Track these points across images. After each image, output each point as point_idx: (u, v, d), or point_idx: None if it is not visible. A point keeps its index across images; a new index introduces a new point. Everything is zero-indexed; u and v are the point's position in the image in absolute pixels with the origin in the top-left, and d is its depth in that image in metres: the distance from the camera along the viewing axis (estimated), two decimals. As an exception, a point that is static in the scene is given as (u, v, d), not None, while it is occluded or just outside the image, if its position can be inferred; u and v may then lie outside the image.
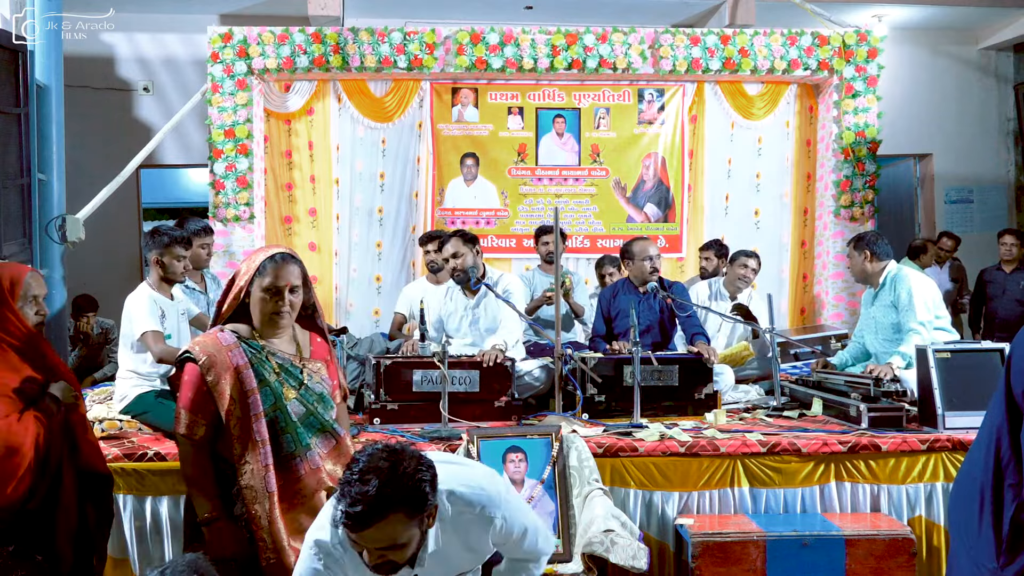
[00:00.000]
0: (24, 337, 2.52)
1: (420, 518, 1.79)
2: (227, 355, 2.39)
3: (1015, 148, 8.16)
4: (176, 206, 10.73)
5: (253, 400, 2.39)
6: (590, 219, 6.57)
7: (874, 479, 3.44)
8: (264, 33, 5.99)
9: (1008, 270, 6.50)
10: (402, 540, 1.76)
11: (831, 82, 6.37)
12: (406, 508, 1.74)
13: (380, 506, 1.72)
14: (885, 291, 4.29)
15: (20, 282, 2.54)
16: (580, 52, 6.14)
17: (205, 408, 2.37)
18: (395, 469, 1.75)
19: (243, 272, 2.46)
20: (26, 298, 2.55)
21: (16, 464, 2.39)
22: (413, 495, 1.75)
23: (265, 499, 2.36)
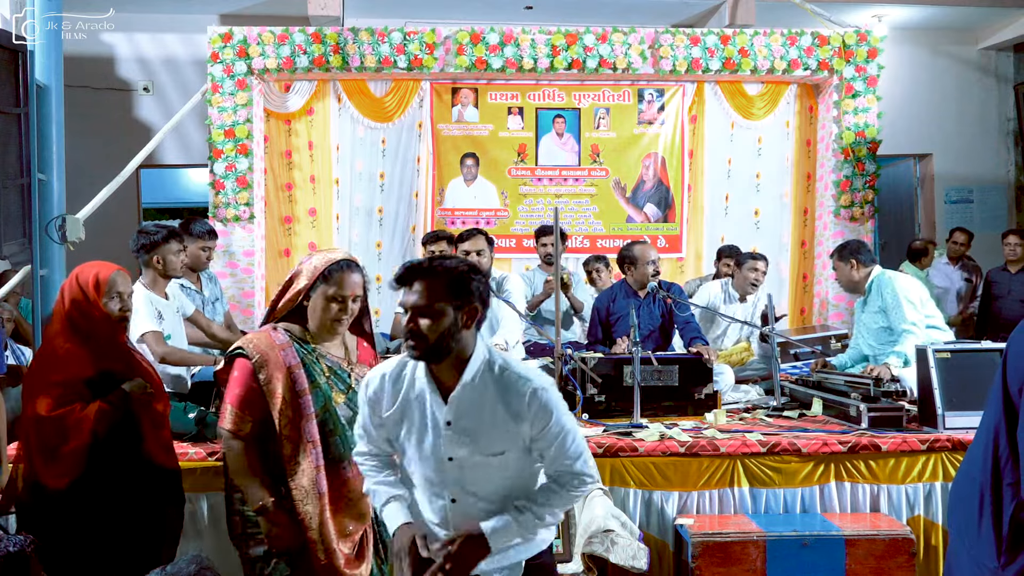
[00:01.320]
0: (106, 332, 2.66)
1: (456, 303, 1.96)
2: (280, 354, 2.39)
3: (1015, 148, 8.16)
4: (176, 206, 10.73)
5: (305, 401, 2.39)
6: (590, 219, 6.57)
7: (874, 479, 3.44)
8: (264, 33, 5.99)
9: (1013, 270, 6.50)
10: (436, 306, 1.94)
11: (831, 82, 6.37)
12: (447, 279, 1.95)
13: (425, 269, 1.98)
14: (872, 296, 4.31)
15: (106, 280, 2.68)
16: (580, 52, 6.14)
17: (254, 406, 2.37)
18: (446, 259, 2.03)
19: (304, 274, 2.45)
20: (111, 295, 2.68)
21: (71, 451, 2.52)
22: (456, 276, 1.97)
23: (316, 500, 2.36)
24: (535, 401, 2.00)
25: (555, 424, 2.02)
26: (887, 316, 4.20)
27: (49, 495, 2.55)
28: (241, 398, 2.37)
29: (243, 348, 2.39)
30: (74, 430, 2.53)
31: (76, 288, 2.67)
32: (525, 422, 2.02)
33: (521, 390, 2.01)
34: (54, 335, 2.67)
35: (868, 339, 4.36)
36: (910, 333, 4.04)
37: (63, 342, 2.62)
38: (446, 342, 1.97)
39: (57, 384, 2.57)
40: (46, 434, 2.54)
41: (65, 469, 2.53)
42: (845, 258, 4.36)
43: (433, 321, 1.95)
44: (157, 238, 3.72)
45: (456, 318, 1.96)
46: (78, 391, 2.58)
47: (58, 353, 2.62)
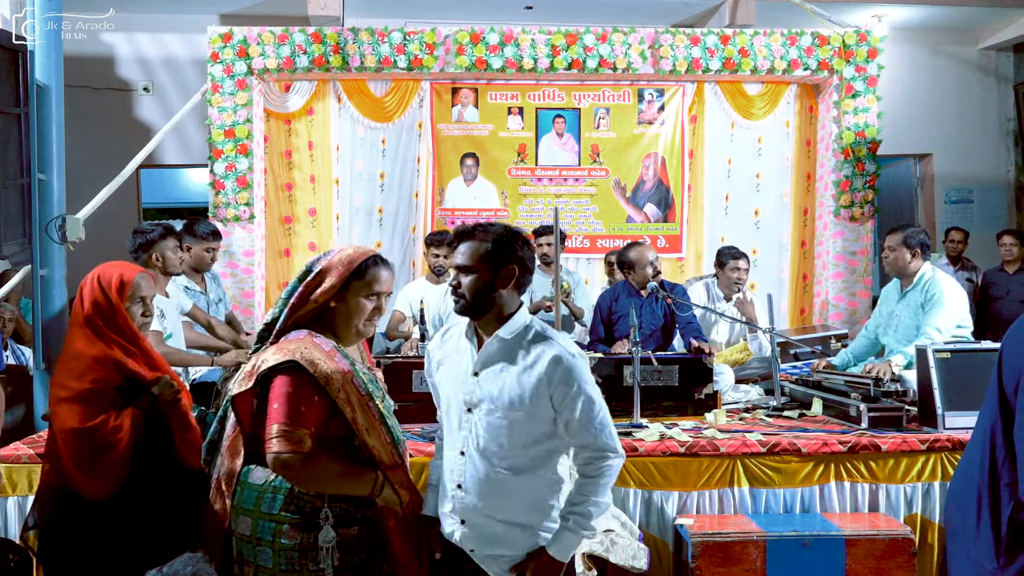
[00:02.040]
0: (129, 336, 2.57)
1: (494, 264, 2.14)
2: (335, 362, 2.18)
3: (1015, 148, 8.16)
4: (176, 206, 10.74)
5: (373, 407, 2.23)
6: (590, 219, 6.57)
7: (874, 479, 3.44)
8: (264, 33, 5.99)
9: (1011, 271, 6.50)
10: (475, 266, 2.14)
11: (831, 82, 6.37)
12: (487, 242, 2.14)
13: (468, 232, 2.20)
14: (916, 291, 4.19)
15: (130, 283, 2.59)
16: (580, 52, 6.14)
17: (318, 422, 2.14)
18: (490, 225, 2.21)
19: (333, 271, 2.24)
20: (133, 298, 2.59)
21: (111, 460, 2.45)
22: (496, 240, 2.15)
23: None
24: (559, 366, 2.11)
25: (578, 391, 2.12)
26: (922, 312, 4.15)
27: (88, 506, 2.47)
28: (305, 416, 2.11)
29: (296, 360, 2.12)
30: (112, 439, 2.45)
31: (98, 290, 2.56)
32: (549, 386, 2.12)
33: (547, 353, 2.13)
34: (75, 339, 2.56)
35: (894, 333, 4.28)
36: (929, 338, 3.99)
37: (86, 347, 2.53)
38: (485, 299, 2.15)
39: (85, 393, 2.48)
40: (82, 446, 2.46)
41: (108, 480, 2.46)
42: (911, 245, 4.17)
43: (473, 279, 2.14)
44: (153, 236, 3.72)
45: (494, 278, 2.14)
46: (109, 398, 2.49)
47: (83, 360, 2.52)
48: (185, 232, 4.51)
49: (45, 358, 4.33)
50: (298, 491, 2.15)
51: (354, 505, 2.19)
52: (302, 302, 2.25)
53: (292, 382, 2.11)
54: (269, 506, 2.16)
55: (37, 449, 3.40)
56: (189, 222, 4.67)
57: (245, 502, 2.20)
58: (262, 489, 2.18)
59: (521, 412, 2.13)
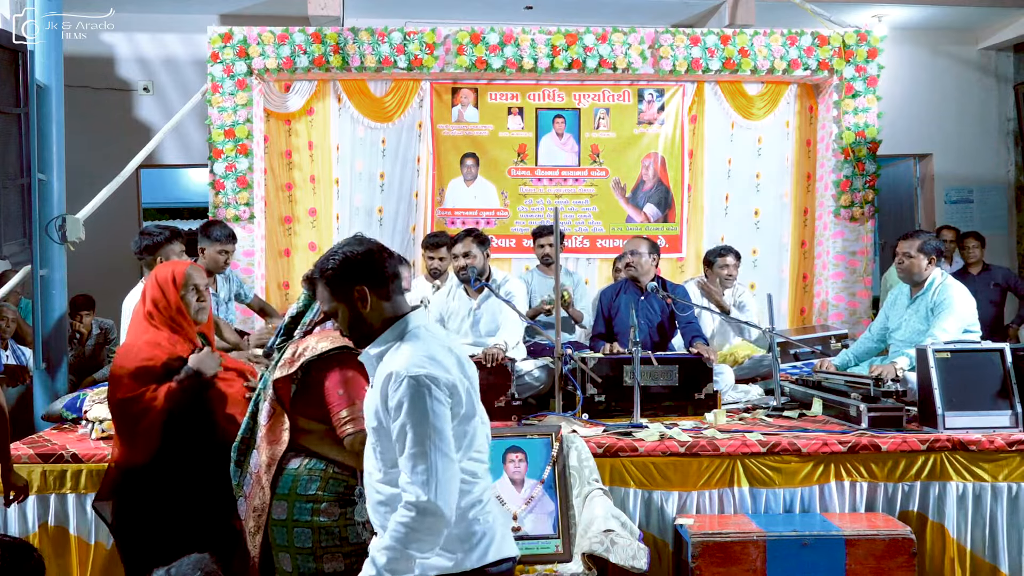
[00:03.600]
0: (181, 320, 2.87)
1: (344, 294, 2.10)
2: None
3: (1015, 148, 8.16)
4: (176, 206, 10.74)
5: None
6: (590, 219, 6.56)
7: (874, 479, 3.44)
8: (264, 33, 5.99)
9: (975, 272, 6.52)
10: (333, 308, 2.14)
11: (831, 82, 6.37)
12: (325, 280, 2.12)
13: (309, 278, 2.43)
14: (926, 296, 4.19)
15: (182, 275, 2.88)
16: (580, 52, 6.13)
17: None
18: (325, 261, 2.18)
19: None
20: (188, 288, 2.88)
21: (145, 428, 2.72)
22: (332, 274, 2.11)
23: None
24: (388, 384, 1.94)
25: (397, 413, 1.91)
26: (931, 316, 4.14)
27: (133, 472, 2.76)
28: (362, 398, 2.24)
29: (348, 347, 2.31)
30: (146, 409, 2.71)
31: (155, 287, 2.87)
32: (382, 405, 1.96)
33: (385, 369, 1.98)
34: (132, 330, 2.89)
35: (903, 336, 4.28)
36: (936, 340, 3.98)
37: (142, 334, 2.83)
38: (362, 327, 2.09)
39: (134, 371, 2.75)
40: (123, 416, 2.77)
41: (142, 446, 2.73)
42: (928, 252, 4.17)
43: (341, 318, 2.12)
44: (160, 239, 3.76)
45: (352, 306, 2.08)
46: (154, 375, 2.76)
47: (136, 344, 2.82)
48: (201, 234, 4.54)
49: (45, 358, 4.33)
50: (333, 471, 2.36)
51: None
52: None
53: (348, 368, 2.31)
54: (305, 488, 2.34)
55: (37, 449, 3.41)
56: (205, 224, 4.69)
57: (281, 488, 2.37)
58: (298, 473, 2.37)
59: (376, 433, 2.01)
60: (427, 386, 1.90)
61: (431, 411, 1.90)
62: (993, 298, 6.41)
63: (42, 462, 3.35)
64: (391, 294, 2.07)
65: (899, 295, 4.42)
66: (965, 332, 4.10)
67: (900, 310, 4.36)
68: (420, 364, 1.93)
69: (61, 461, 3.37)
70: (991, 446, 3.46)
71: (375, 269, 2.07)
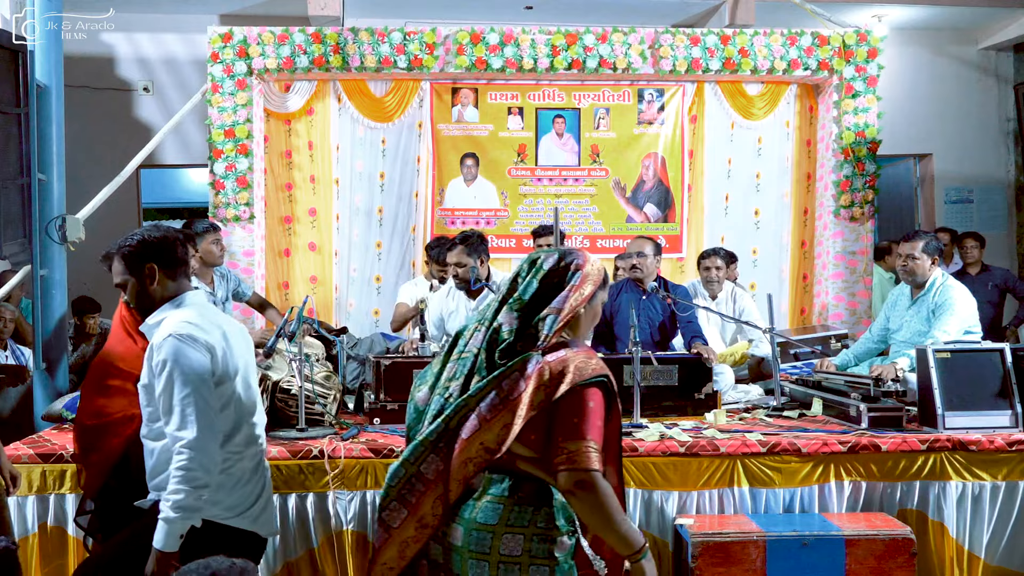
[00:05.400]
0: None
1: (136, 270, 2.44)
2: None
3: (1015, 148, 8.16)
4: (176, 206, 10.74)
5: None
6: (590, 219, 6.57)
7: (874, 479, 3.44)
8: (264, 33, 5.99)
9: (974, 272, 6.52)
10: (123, 281, 2.45)
11: (831, 82, 6.37)
12: (120, 256, 2.46)
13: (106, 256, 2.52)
14: (927, 297, 4.19)
15: None
16: (580, 52, 6.13)
17: (600, 438, 2.00)
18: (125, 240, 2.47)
19: (589, 279, 2.10)
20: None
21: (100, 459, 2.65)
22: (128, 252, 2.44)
23: None
24: (160, 344, 2.29)
25: (167, 371, 2.25)
26: (932, 317, 4.14)
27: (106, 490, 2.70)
28: (602, 432, 2.00)
29: (604, 376, 2.02)
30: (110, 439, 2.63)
31: None
32: (149, 366, 2.33)
33: (155, 335, 2.35)
34: (112, 338, 2.80)
35: (906, 337, 4.27)
36: (936, 340, 3.98)
37: (117, 343, 2.74)
38: (145, 301, 2.43)
39: (108, 387, 2.67)
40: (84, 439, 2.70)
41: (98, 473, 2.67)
42: (931, 252, 4.17)
43: (129, 290, 2.44)
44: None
45: (141, 281, 2.43)
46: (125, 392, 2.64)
47: (113, 354, 2.74)
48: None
49: (45, 358, 4.33)
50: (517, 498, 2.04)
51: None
52: (563, 307, 2.08)
53: (599, 398, 2.00)
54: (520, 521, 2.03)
55: (37, 449, 3.40)
56: (186, 224, 4.70)
57: (486, 518, 2.04)
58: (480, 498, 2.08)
59: (145, 390, 2.36)
60: (187, 342, 2.26)
61: (192, 363, 2.25)
62: (992, 299, 6.41)
63: (42, 462, 3.35)
64: (177, 276, 2.43)
65: (899, 296, 4.42)
66: (966, 333, 4.10)
67: (901, 311, 4.36)
68: (182, 327, 2.29)
69: (61, 461, 3.37)
70: (991, 446, 3.46)
71: (167, 252, 2.42)
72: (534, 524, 2.00)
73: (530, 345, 2.04)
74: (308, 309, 5.05)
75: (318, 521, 3.37)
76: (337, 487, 3.35)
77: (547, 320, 2.05)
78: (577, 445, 1.94)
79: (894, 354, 4.31)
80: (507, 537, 2.01)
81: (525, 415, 1.98)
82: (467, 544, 2.02)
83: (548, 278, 2.08)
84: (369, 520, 3.37)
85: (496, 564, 2.00)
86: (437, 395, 2.12)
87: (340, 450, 3.36)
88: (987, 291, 6.37)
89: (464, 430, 2.03)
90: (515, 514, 2.02)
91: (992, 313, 6.36)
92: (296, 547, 3.37)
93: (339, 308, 6.52)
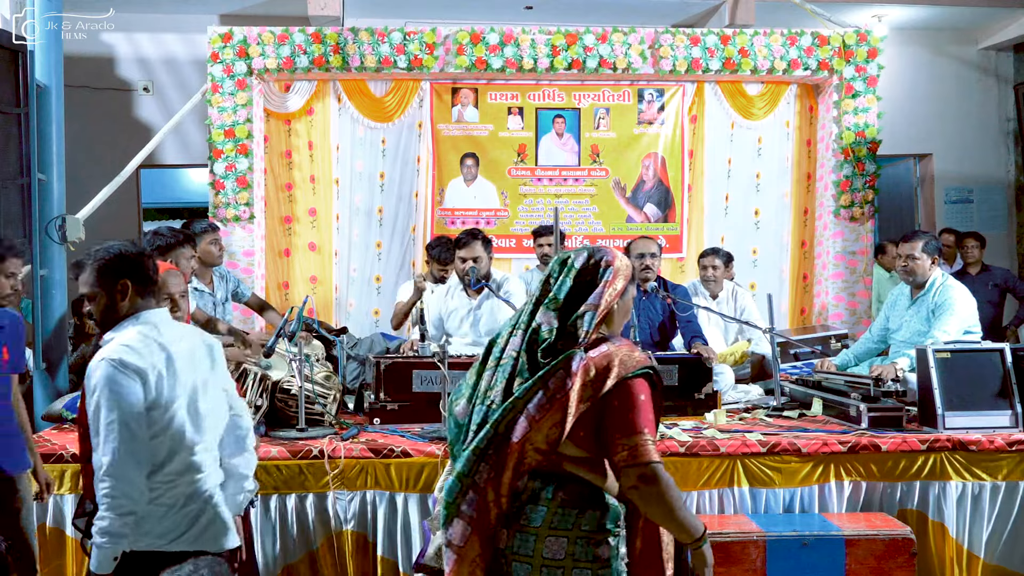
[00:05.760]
0: None
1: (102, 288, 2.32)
2: None
3: (1015, 148, 8.16)
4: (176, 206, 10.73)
5: None
6: (590, 219, 6.56)
7: (874, 479, 3.44)
8: (264, 33, 5.99)
9: (974, 272, 6.52)
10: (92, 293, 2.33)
11: (831, 82, 6.37)
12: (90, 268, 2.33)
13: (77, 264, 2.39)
14: (927, 297, 4.19)
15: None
16: (580, 52, 6.13)
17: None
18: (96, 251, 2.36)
19: (620, 274, 2.13)
20: (160, 296, 2.69)
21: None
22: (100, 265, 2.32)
23: None
24: (94, 367, 2.18)
25: (96, 395, 2.15)
26: (932, 317, 4.14)
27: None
28: (655, 422, 2.04)
29: (650, 367, 2.04)
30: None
31: None
32: (88, 381, 2.21)
33: (94, 360, 2.22)
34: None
35: (907, 337, 4.27)
36: (936, 340, 3.97)
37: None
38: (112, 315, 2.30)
39: None
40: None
41: None
42: (930, 252, 4.17)
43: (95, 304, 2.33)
44: (172, 241, 3.77)
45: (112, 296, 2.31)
46: None
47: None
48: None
49: (45, 358, 4.33)
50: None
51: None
52: (599, 302, 2.10)
53: (649, 390, 2.03)
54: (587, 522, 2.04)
55: (37, 449, 3.40)
56: (185, 224, 4.70)
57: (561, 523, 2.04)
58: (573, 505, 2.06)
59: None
60: (117, 367, 2.17)
61: (120, 389, 2.16)
62: (992, 299, 6.41)
63: (42, 462, 3.35)
64: (146, 295, 2.34)
65: (899, 296, 4.42)
66: (966, 333, 4.10)
67: (901, 311, 4.35)
68: (117, 351, 2.19)
69: (61, 461, 3.37)
70: (991, 446, 3.46)
71: (142, 270, 2.34)
72: (578, 527, 2.00)
73: (571, 343, 2.05)
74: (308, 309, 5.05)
75: (317, 522, 3.37)
76: (337, 487, 3.35)
77: (585, 317, 2.06)
78: (634, 440, 1.96)
79: (894, 354, 4.31)
80: (550, 540, 2.01)
81: (575, 412, 1.98)
82: (510, 547, 2.04)
83: (581, 276, 2.10)
84: (369, 520, 3.37)
85: (539, 568, 2.00)
86: (477, 405, 2.10)
87: (340, 450, 3.35)
88: (987, 291, 6.37)
89: (514, 433, 2.01)
90: (559, 517, 2.02)
91: (992, 313, 6.36)
92: (295, 548, 3.37)
93: (339, 308, 6.52)
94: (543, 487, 2.05)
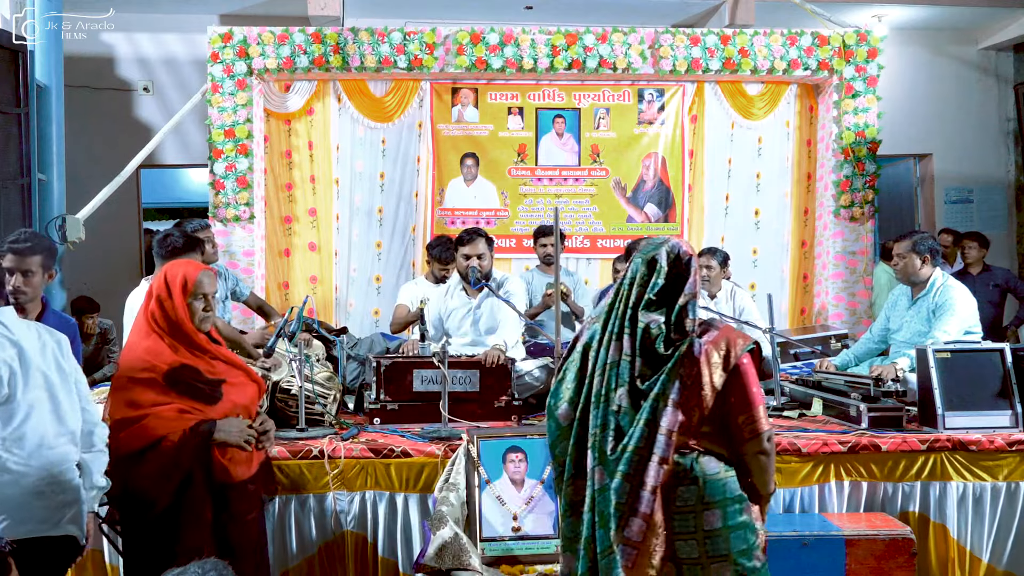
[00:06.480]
0: (188, 330, 2.73)
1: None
2: None
3: (1015, 148, 8.16)
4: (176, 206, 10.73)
5: None
6: (590, 219, 6.57)
7: (874, 479, 3.44)
8: (264, 33, 5.99)
9: (974, 272, 6.52)
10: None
11: (831, 82, 6.37)
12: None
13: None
14: (927, 298, 4.18)
15: (193, 280, 2.75)
16: (580, 52, 6.13)
17: None
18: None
19: (697, 263, 2.37)
20: (196, 294, 2.75)
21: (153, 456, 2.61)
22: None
23: None
24: None
25: None
26: (932, 318, 4.14)
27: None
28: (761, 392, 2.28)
29: (754, 343, 2.28)
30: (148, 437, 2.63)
31: (163, 286, 2.75)
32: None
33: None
34: (136, 334, 2.77)
35: (907, 338, 4.27)
36: (936, 341, 3.97)
37: (143, 339, 2.72)
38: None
39: (136, 381, 2.66)
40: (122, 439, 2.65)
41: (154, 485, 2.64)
42: (920, 251, 4.15)
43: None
44: (179, 243, 3.77)
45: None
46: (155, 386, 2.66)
47: (137, 351, 2.71)
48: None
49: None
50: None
51: None
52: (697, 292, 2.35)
53: (753, 364, 2.25)
54: (733, 489, 2.24)
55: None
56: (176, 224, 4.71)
57: (712, 494, 2.22)
58: (719, 477, 2.24)
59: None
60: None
61: None
62: (992, 299, 6.41)
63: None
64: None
65: (900, 296, 4.42)
66: (966, 333, 4.10)
67: (901, 311, 4.35)
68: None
69: None
70: (991, 446, 3.46)
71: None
72: (725, 497, 2.21)
73: (682, 332, 2.24)
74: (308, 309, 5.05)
75: (318, 522, 3.37)
76: (337, 487, 3.35)
77: (690, 306, 2.26)
78: (754, 412, 2.21)
79: (894, 354, 4.31)
80: (707, 514, 2.21)
81: (711, 394, 2.19)
82: (672, 528, 2.21)
83: (671, 271, 2.28)
84: (369, 521, 3.37)
85: (703, 540, 2.20)
86: (592, 408, 2.25)
87: (340, 450, 3.35)
88: (988, 291, 6.37)
89: (664, 424, 2.19)
90: (708, 489, 2.21)
91: (993, 313, 6.36)
92: (295, 548, 3.37)
93: (339, 308, 6.52)
94: (685, 466, 2.22)
